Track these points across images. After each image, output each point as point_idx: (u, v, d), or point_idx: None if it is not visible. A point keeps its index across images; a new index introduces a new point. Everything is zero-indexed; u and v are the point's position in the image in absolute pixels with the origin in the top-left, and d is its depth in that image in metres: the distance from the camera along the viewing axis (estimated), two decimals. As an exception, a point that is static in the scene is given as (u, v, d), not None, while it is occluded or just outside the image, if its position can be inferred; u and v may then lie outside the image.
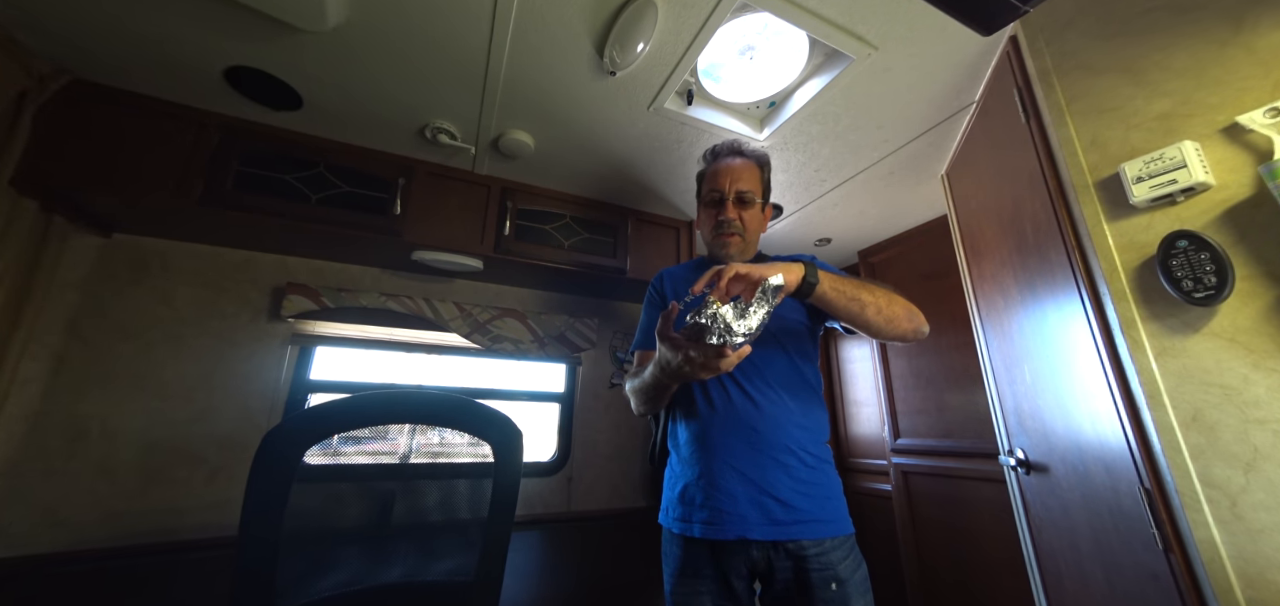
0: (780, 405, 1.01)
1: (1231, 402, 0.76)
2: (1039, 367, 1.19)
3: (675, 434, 1.10)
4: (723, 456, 0.98)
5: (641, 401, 1.04)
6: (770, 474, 0.95)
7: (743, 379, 1.01)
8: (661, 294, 1.22)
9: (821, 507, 0.95)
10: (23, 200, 1.33)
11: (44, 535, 1.36)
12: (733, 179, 1.14)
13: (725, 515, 0.94)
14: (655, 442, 1.23)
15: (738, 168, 1.15)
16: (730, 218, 1.12)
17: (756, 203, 1.15)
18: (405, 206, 1.69)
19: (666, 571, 1.03)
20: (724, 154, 1.18)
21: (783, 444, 0.98)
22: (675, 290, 1.20)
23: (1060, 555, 1.16)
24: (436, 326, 1.95)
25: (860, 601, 0.91)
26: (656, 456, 1.21)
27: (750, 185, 1.15)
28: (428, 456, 1.90)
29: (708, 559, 0.96)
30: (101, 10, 1.15)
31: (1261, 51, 0.81)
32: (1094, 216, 0.94)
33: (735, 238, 1.14)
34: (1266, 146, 0.77)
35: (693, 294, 0.82)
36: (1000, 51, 1.22)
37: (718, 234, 1.15)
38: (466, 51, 1.26)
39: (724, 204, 1.13)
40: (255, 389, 1.68)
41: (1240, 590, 0.71)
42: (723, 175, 1.15)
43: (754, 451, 0.97)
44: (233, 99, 1.45)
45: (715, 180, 1.16)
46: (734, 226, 1.13)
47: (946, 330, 2.10)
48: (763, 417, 0.99)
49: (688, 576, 0.97)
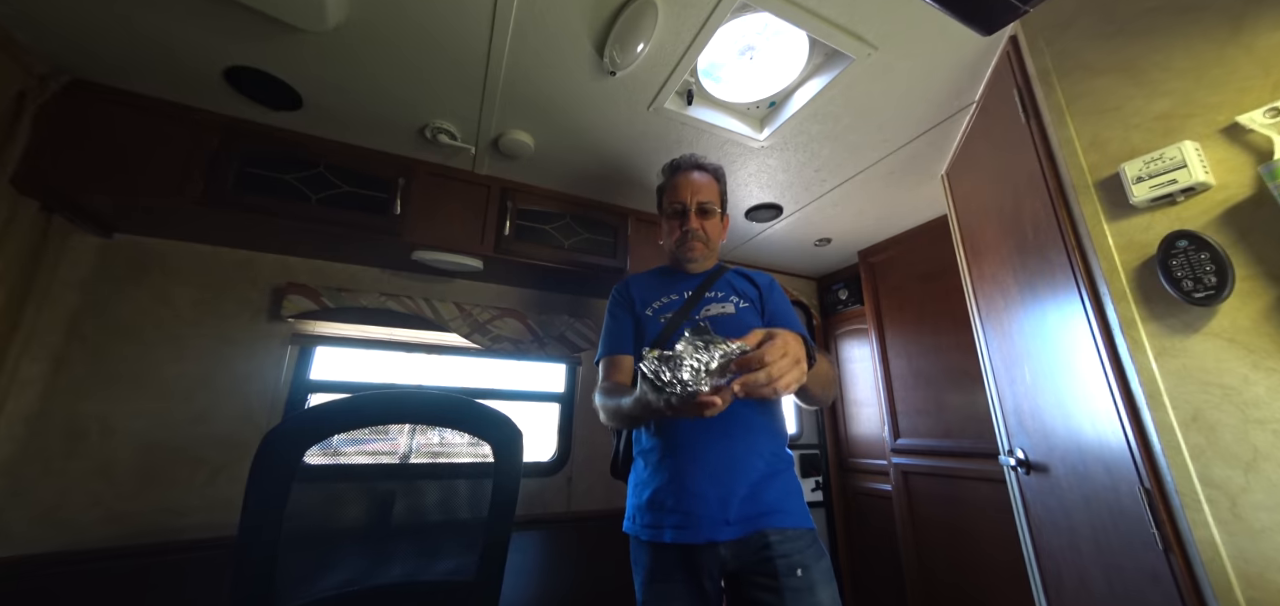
0: (748, 409, 1.04)
1: (1231, 402, 0.76)
2: (1039, 367, 1.19)
3: (640, 440, 1.13)
4: (691, 459, 1.01)
5: (615, 421, 1.04)
6: (739, 475, 0.99)
7: None
8: (629, 300, 1.23)
9: (783, 501, 1.00)
10: (23, 200, 1.33)
11: (44, 535, 1.36)
12: (694, 191, 1.22)
13: (696, 518, 0.97)
14: (618, 452, 1.22)
15: (698, 181, 1.24)
16: (694, 227, 1.20)
17: (716, 212, 1.25)
18: (405, 206, 1.69)
19: (637, 579, 1.05)
20: (685, 167, 1.26)
21: (751, 447, 1.02)
22: (643, 297, 1.22)
23: (1060, 555, 1.16)
24: (436, 326, 1.95)
25: (825, 588, 0.94)
26: (620, 466, 1.22)
27: (710, 197, 1.23)
28: (428, 456, 1.90)
29: (678, 563, 0.99)
30: (101, 10, 1.14)
31: (1261, 51, 0.81)
32: (1094, 216, 0.94)
33: (699, 244, 1.21)
34: (1266, 146, 0.77)
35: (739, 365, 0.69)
36: (1000, 51, 1.22)
37: (683, 243, 1.22)
38: (466, 51, 1.26)
39: (687, 215, 1.21)
40: (255, 389, 1.67)
41: (1240, 590, 0.71)
42: (684, 188, 1.23)
43: (723, 455, 1.00)
44: (233, 99, 1.45)
45: (677, 193, 1.24)
46: (698, 235, 1.21)
47: (946, 330, 2.11)
48: (733, 421, 1.01)
49: (659, 582, 1.00)
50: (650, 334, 1.14)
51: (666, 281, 1.25)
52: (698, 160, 1.27)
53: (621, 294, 1.26)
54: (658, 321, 1.16)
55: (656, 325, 1.15)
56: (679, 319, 1.14)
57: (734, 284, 1.21)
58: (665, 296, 1.20)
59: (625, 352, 1.18)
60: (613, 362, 1.17)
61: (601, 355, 1.21)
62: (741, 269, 1.27)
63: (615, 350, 1.18)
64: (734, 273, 1.25)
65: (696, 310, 1.16)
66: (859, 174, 1.84)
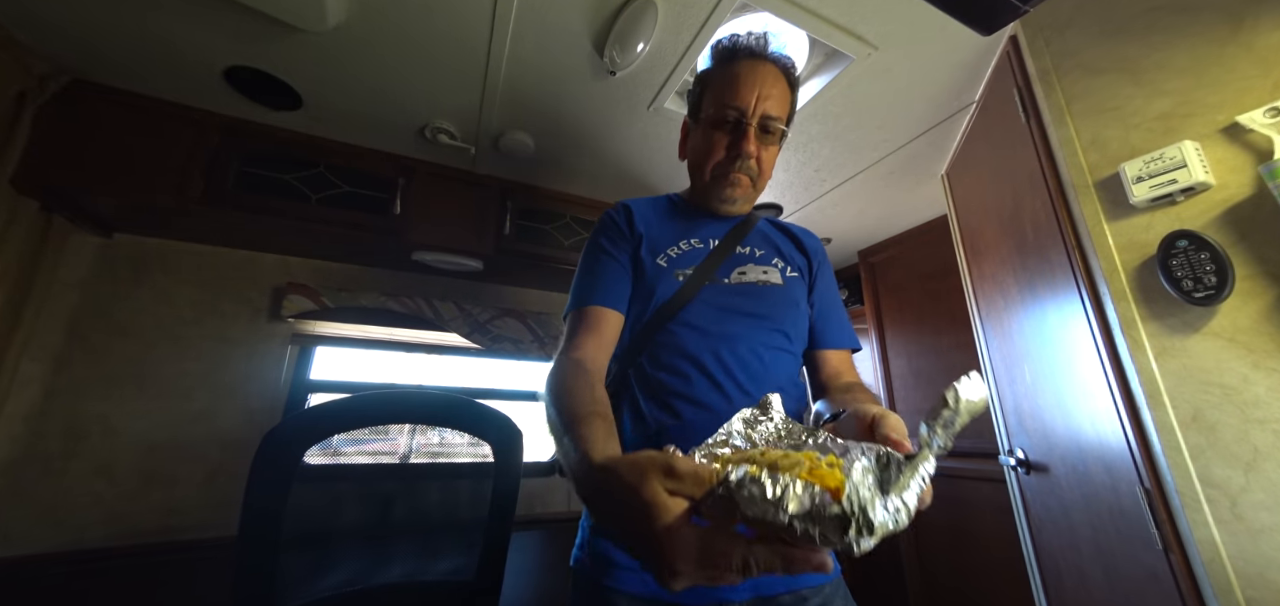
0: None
1: (1231, 402, 0.76)
2: (1039, 367, 1.19)
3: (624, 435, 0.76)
4: None
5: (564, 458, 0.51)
6: None
7: (739, 370, 0.70)
8: (632, 234, 0.81)
9: None
10: (23, 200, 1.33)
11: (44, 535, 1.36)
12: (763, 91, 0.76)
13: None
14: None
15: (769, 77, 0.77)
16: (750, 152, 0.76)
17: (780, 133, 0.80)
18: (405, 206, 1.69)
19: None
20: (753, 51, 0.78)
21: None
22: (653, 236, 0.81)
23: (1060, 555, 1.16)
24: (436, 326, 1.95)
25: None
26: None
27: (780, 108, 0.78)
28: (428, 456, 1.90)
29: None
30: (102, 9, 1.14)
31: (1261, 51, 0.81)
32: (1094, 216, 0.94)
33: (746, 181, 0.80)
34: (1266, 146, 0.77)
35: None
36: (1000, 51, 1.22)
37: (727, 172, 0.79)
38: (466, 51, 1.26)
39: (745, 128, 0.76)
40: (255, 389, 1.68)
41: (1240, 590, 0.71)
42: (748, 82, 0.76)
43: None
44: (233, 99, 1.45)
45: (736, 89, 0.76)
46: (751, 168, 0.79)
47: (946, 330, 2.10)
48: None
49: None
50: (663, 293, 0.75)
51: (684, 222, 0.85)
52: (768, 43, 0.79)
53: (621, 221, 0.83)
54: (672, 278, 0.76)
55: (670, 282, 0.76)
56: (701, 278, 0.76)
57: (775, 240, 0.86)
58: (685, 242, 0.80)
59: (616, 307, 0.75)
60: (592, 320, 0.72)
61: (575, 305, 0.75)
62: (777, 219, 0.91)
63: (602, 299, 0.73)
64: (768, 222, 0.89)
65: (725, 269, 0.78)
66: (859, 174, 1.84)
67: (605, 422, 0.49)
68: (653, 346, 0.74)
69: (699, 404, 0.68)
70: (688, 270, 0.77)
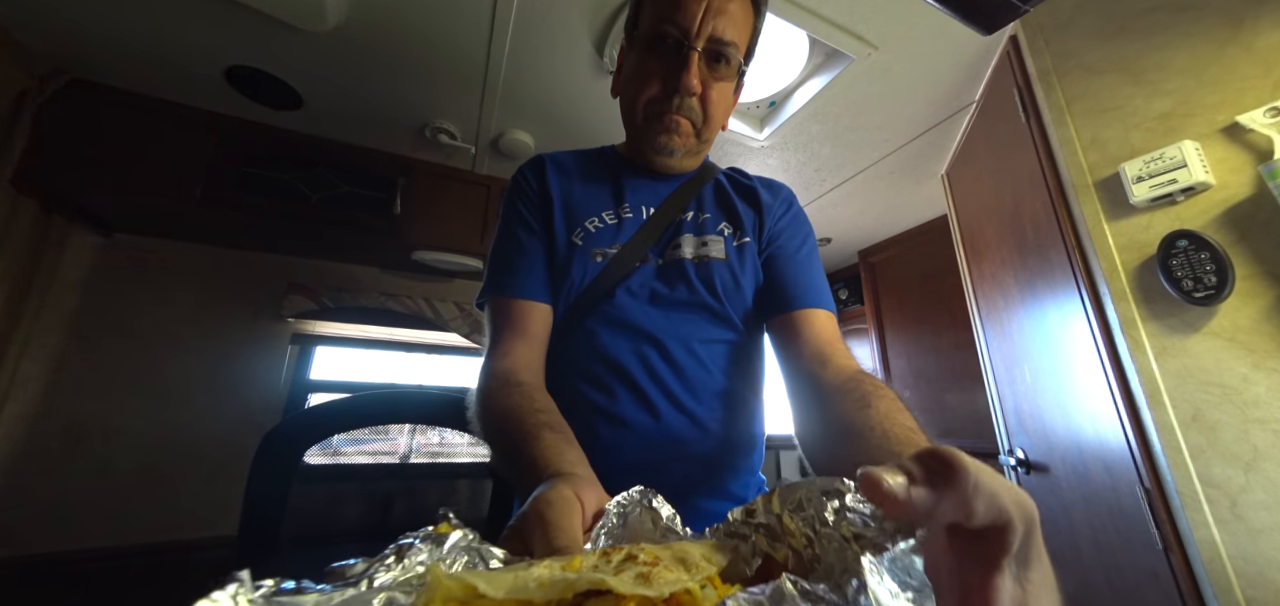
0: (727, 414, 0.60)
1: (1231, 402, 0.76)
2: (1039, 367, 1.19)
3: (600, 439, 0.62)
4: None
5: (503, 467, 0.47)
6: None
7: (671, 376, 0.58)
8: (544, 200, 0.65)
9: None
10: (23, 200, 1.33)
11: (44, 535, 1.36)
12: (713, 5, 0.57)
13: None
14: None
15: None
16: (692, 86, 0.58)
17: (735, 67, 0.61)
18: (405, 206, 1.69)
19: None
20: None
21: (734, 477, 0.60)
22: (569, 205, 0.65)
23: (1060, 555, 1.16)
24: (436, 326, 1.95)
25: None
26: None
27: (736, 32, 0.59)
28: (428, 456, 1.90)
29: None
30: (102, 10, 1.14)
31: (1261, 51, 0.81)
32: (1094, 216, 0.94)
33: (686, 127, 0.62)
34: (1266, 146, 0.77)
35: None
36: (1000, 51, 1.22)
37: (663, 109, 0.60)
38: (466, 51, 1.26)
39: (686, 56, 0.57)
40: (255, 389, 1.67)
41: (1240, 590, 0.71)
42: (692, 2, 0.57)
43: (694, 490, 0.57)
44: (233, 99, 1.45)
45: (676, 6, 0.57)
46: (692, 108, 0.60)
47: (946, 330, 2.10)
48: (706, 437, 0.58)
49: None
50: (578, 279, 0.61)
51: (612, 183, 0.68)
52: None
53: (532, 184, 0.67)
54: (588, 258, 0.61)
55: (588, 266, 0.61)
56: (629, 257, 0.61)
57: (730, 199, 0.69)
58: (609, 214, 0.65)
59: (542, 298, 0.60)
60: (515, 318, 0.58)
61: (492, 291, 0.61)
62: (738, 170, 0.74)
63: (523, 289, 0.59)
64: (727, 176, 0.72)
65: (659, 246, 0.64)
66: (859, 174, 1.84)
67: (555, 433, 0.43)
68: (570, 348, 0.60)
69: (620, 422, 0.55)
70: (610, 249, 0.62)
